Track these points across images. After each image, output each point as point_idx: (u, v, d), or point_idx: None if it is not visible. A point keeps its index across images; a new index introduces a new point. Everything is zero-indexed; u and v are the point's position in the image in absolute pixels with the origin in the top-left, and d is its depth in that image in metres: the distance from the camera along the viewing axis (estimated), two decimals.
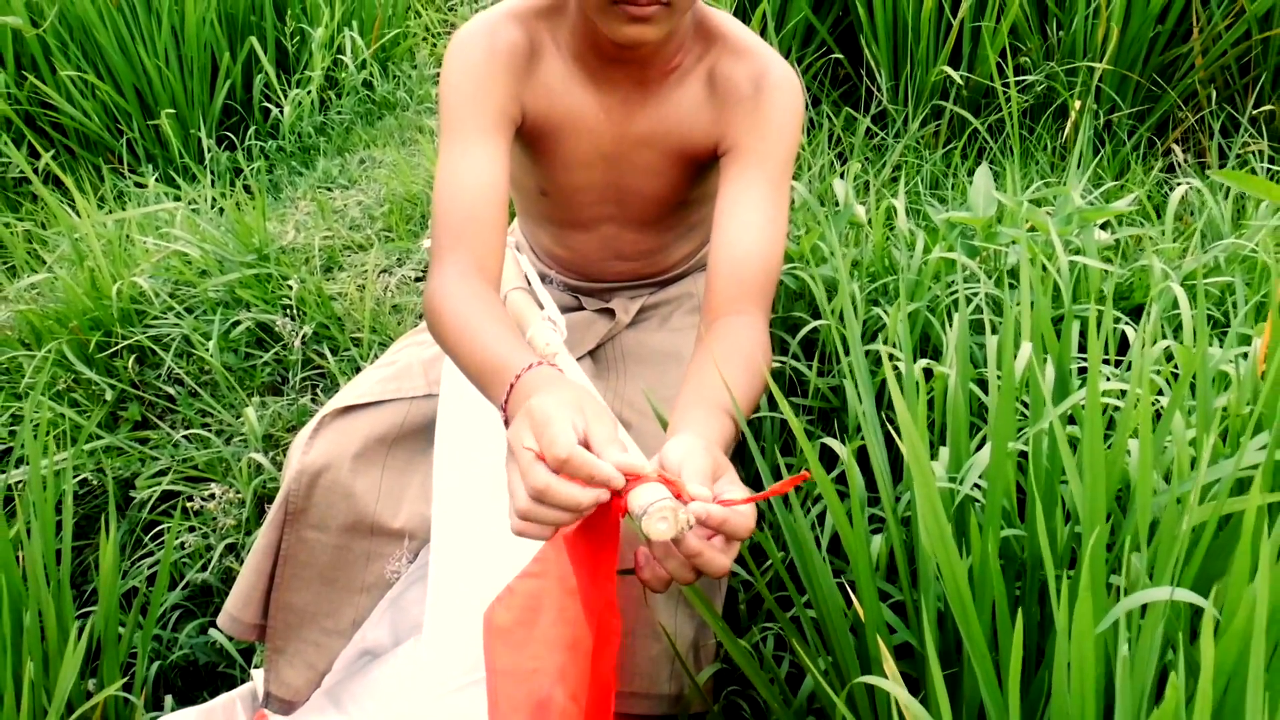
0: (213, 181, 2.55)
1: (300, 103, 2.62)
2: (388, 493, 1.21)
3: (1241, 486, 0.81)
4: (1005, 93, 1.69)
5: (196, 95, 2.57)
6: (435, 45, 3.19)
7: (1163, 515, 0.70)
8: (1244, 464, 0.73)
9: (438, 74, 3.05)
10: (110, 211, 2.33)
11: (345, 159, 2.52)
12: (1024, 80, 1.75)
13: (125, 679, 1.42)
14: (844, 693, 0.83)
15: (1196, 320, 0.91)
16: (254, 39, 2.61)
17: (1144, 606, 0.68)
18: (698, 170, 1.22)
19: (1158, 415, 1.01)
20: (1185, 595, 0.60)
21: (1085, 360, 1.20)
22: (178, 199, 2.41)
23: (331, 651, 1.22)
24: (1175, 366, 1.08)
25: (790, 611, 1.17)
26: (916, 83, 1.80)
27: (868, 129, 1.78)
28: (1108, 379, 1.04)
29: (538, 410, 0.81)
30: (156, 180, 2.53)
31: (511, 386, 0.90)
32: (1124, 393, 1.07)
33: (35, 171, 2.54)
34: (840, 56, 1.91)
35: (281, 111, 2.61)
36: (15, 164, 2.58)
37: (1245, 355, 0.96)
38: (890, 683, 0.71)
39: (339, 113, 2.69)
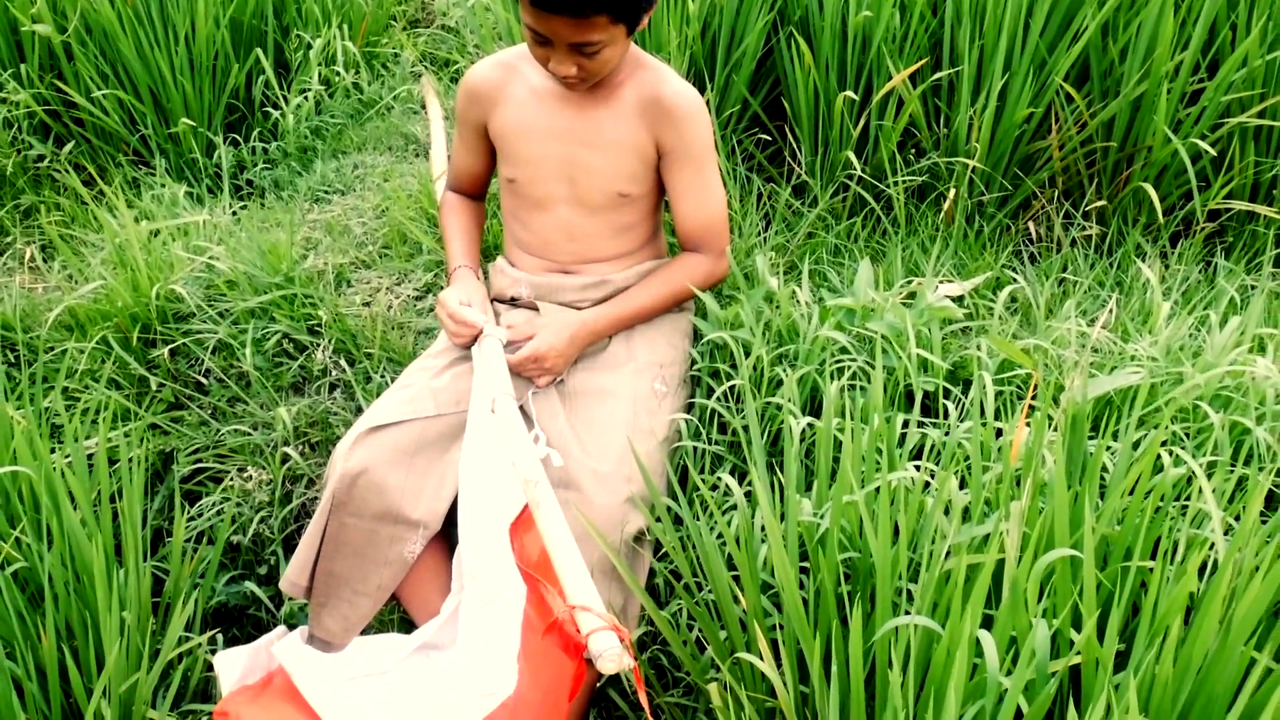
0: (218, 173, 2.88)
1: (300, 105, 2.94)
2: (409, 491, 1.62)
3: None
4: (895, 180, 2.12)
5: (205, 96, 2.88)
6: (416, 41, 3.50)
7: (930, 563, 1.15)
8: (977, 534, 1.18)
9: (417, 71, 3.39)
10: (131, 205, 2.65)
11: (340, 161, 2.86)
12: (912, 171, 2.18)
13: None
14: (729, 660, 1.28)
15: (970, 410, 1.36)
16: (259, 50, 2.92)
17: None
18: (630, 164, 1.77)
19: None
20: (920, 620, 1.04)
21: (930, 421, 1.66)
22: (188, 193, 2.74)
23: (360, 607, 1.64)
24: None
25: (700, 594, 1.62)
26: (830, 160, 2.22)
27: (788, 197, 2.19)
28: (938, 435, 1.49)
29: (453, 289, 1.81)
30: (167, 172, 2.85)
31: (451, 273, 1.89)
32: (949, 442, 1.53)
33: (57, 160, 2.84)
34: (770, 136, 2.32)
35: (281, 114, 2.93)
36: (33, 153, 2.88)
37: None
38: (758, 659, 1.15)
39: (332, 116, 3.01)
